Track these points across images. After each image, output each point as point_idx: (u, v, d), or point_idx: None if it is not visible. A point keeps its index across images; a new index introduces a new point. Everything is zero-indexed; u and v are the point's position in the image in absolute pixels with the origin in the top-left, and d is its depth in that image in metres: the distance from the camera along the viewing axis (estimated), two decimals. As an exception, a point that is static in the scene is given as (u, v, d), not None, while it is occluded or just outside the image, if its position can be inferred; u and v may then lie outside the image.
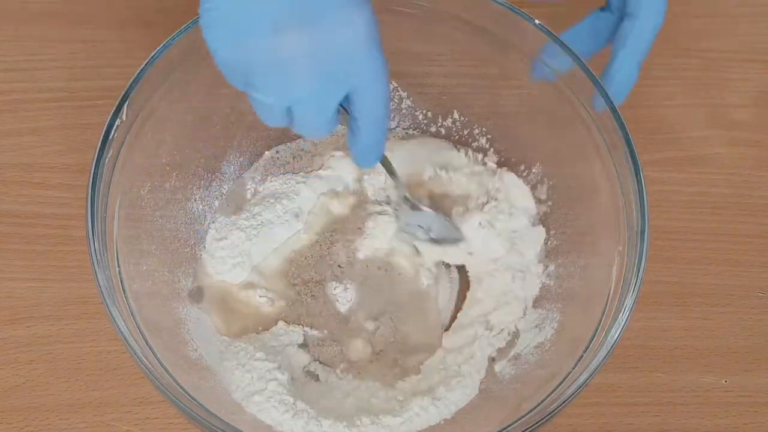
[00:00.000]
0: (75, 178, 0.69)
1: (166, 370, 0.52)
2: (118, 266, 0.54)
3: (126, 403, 0.61)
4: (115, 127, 0.55)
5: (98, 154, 0.54)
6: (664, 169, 0.72)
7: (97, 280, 0.52)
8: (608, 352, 0.52)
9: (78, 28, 0.75)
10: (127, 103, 0.56)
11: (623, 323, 0.53)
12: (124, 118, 0.56)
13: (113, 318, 0.51)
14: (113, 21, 0.75)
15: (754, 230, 0.70)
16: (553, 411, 0.51)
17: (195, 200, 0.65)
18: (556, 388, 0.53)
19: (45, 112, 0.72)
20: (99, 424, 0.61)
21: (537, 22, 0.59)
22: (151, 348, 0.53)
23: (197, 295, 0.63)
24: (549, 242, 0.65)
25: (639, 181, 0.56)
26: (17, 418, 0.61)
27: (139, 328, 0.53)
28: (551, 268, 0.64)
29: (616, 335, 0.53)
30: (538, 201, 0.66)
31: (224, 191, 0.67)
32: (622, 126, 0.57)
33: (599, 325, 0.55)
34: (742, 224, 0.70)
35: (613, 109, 0.57)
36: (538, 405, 0.53)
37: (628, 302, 0.53)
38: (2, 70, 0.73)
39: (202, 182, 0.65)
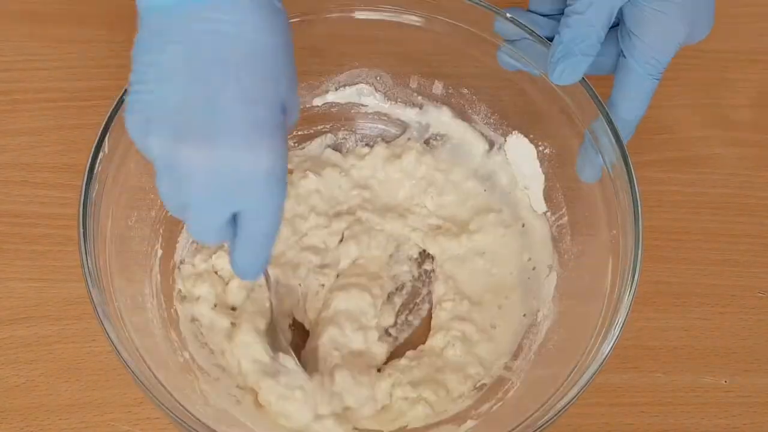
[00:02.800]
0: (75, 178, 0.68)
1: (169, 393, 0.52)
2: (115, 299, 0.54)
3: (126, 403, 0.61)
4: (98, 161, 0.55)
5: (84, 189, 0.54)
6: (664, 169, 0.72)
7: (93, 303, 0.52)
8: (612, 344, 0.52)
9: (77, 28, 0.75)
10: (108, 135, 0.55)
11: (626, 312, 0.53)
12: (106, 150, 0.55)
13: (113, 344, 0.51)
14: (113, 21, 0.75)
15: (754, 230, 0.70)
16: (564, 407, 0.51)
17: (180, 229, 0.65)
18: (561, 386, 0.53)
19: (45, 112, 0.72)
20: (99, 424, 0.61)
21: (508, 15, 0.59)
22: (154, 375, 0.53)
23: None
24: None
25: (627, 165, 0.56)
26: (17, 418, 0.61)
27: (138, 351, 0.53)
28: None
29: (620, 322, 0.53)
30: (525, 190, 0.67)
31: None
32: (603, 111, 0.57)
33: (600, 315, 0.55)
34: (742, 224, 0.70)
35: (590, 89, 0.57)
36: (543, 405, 0.53)
37: (627, 296, 0.53)
38: (2, 70, 0.73)
39: None
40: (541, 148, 0.65)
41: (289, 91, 0.46)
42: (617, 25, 0.57)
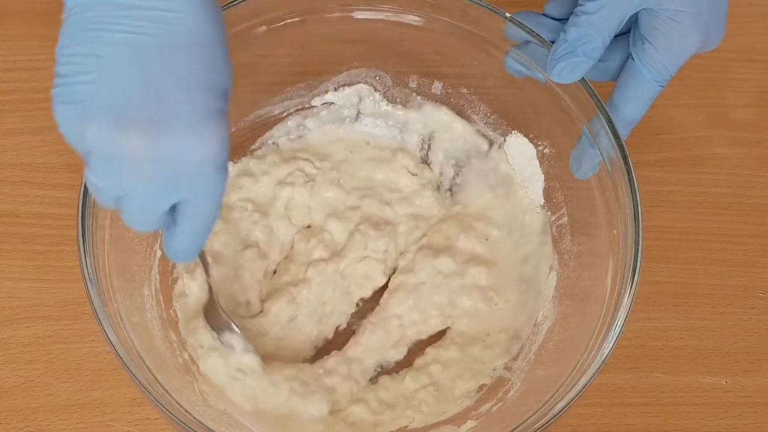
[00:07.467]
0: (74, 178, 0.68)
1: (169, 394, 0.52)
2: (114, 300, 0.54)
3: (125, 403, 0.61)
4: None
5: (84, 189, 0.54)
6: (664, 169, 0.72)
7: (96, 314, 0.52)
8: (612, 344, 0.52)
9: (78, 28, 0.75)
10: None
11: (626, 312, 0.53)
12: None
13: (112, 345, 0.52)
14: (113, 21, 0.75)
15: (754, 230, 0.70)
16: (564, 407, 0.51)
17: None
18: (561, 386, 0.53)
19: (45, 112, 0.71)
20: (99, 424, 0.61)
21: (508, 15, 0.59)
22: (154, 376, 0.53)
23: None
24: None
25: (627, 164, 0.56)
26: (17, 418, 0.61)
27: (137, 352, 0.53)
28: None
29: (621, 322, 0.53)
30: (524, 189, 0.67)
31: None
32: (603, 111, 0.57)
33: (600, 315, 0.55)
34: (742, 224, 0.70)
35: (589, 89, 0.57)
36: (544, 405, 0.53)
37: (627, 296, 0.53)
38: (2, 70, 0.73)
39: None
40: (540, 148, 0.65)
41: (229, 79, 0.46)
42: (627, 32, 0.57)
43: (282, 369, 0.60)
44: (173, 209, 0.47)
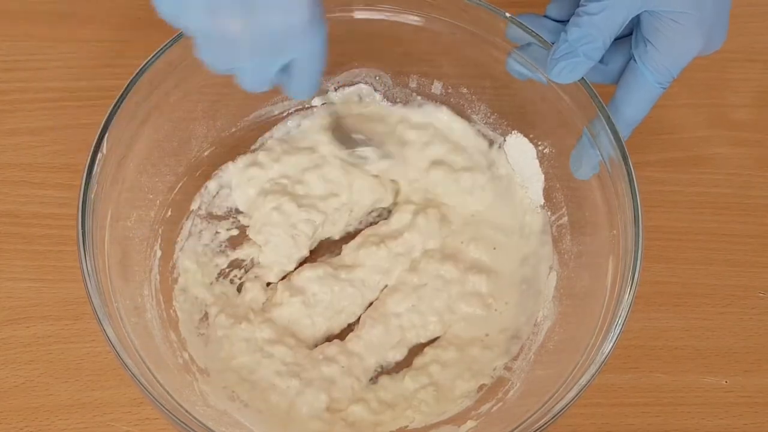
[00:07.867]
0: (75, 178, 0.68)
1: (169, 394, 0.53)
2: (114, 300, 0.54)
3: (125, 403, 0.61)
4: (97, 161, 0.55)
5: (84, 189, 0.54)
6: (665, 169, 0.72)
7: (98, 318, 0.52)
8: (612, 344, 0.52)
9: (78, 28, 0.75)
10: (106, 136, 0.56)
11: (626, 312, 0.53)
12: (105, 151, 0.56)
13: (112, 345, 0.52)
14: (113, 21, 0.75)
15: (754, 230, 0.70)
16: (564, 407, 0.51)
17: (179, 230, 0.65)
18: (561, 386, 0.53)
19: (45, 112, 0.72)
20: (98, 424, 0.61)
21: (508, 14, 0.59)
22: (154, 376, 0.53)
23: None
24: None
25: (627, 164, 0.56)
26: (17, 418, 0.61)
27: (137, 352, 0.53)
28: None
29: (621, 322, 0.53)
30: (524, 189, 0.67)
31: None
32: (603, 111, 0.57)
33: (600, 315, 0.55)
34: (742, 224, 0.70)
35: (594, 95, 0.57)
36: (543, 405, 0.53)
37: (627, 296, 0.53)
38: (2, 70, 0.73)
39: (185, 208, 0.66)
40: (540, 148, 0.65)
41: None
42: (628, 35, 0.57)
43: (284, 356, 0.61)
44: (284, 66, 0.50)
